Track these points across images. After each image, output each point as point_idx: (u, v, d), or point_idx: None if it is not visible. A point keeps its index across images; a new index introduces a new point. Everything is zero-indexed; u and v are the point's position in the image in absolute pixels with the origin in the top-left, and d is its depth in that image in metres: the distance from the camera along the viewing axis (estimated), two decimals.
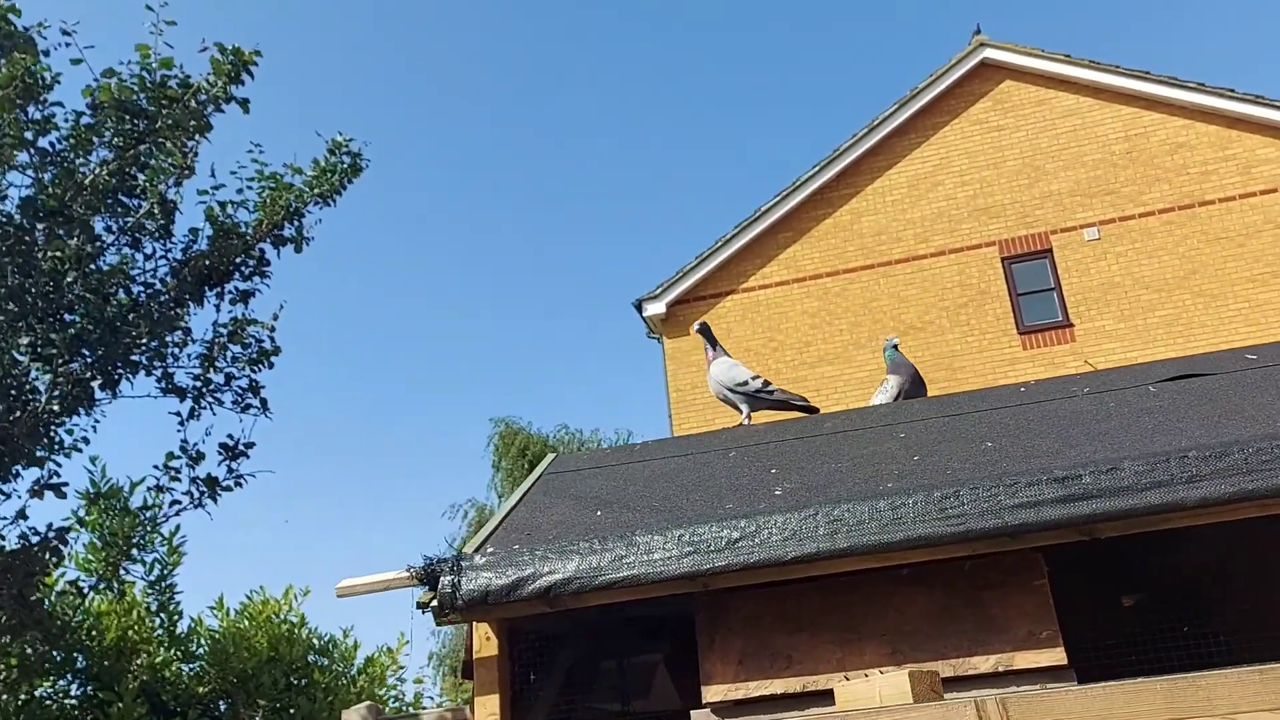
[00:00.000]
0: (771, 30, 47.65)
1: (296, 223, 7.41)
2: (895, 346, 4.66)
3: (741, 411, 4.52)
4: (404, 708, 10.53)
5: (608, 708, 3.78)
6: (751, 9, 46.81)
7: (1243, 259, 12.37)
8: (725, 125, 49.35)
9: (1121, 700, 2.23)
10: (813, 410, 4.53)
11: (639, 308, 14.41)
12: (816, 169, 13.83)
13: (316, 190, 7.43)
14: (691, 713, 3.02)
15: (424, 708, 10.85)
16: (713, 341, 4.72)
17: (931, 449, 3.28)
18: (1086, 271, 12.80)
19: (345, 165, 7.59)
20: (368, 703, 7.24)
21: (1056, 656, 2.77)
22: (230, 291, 6.83)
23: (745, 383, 4.51)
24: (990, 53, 13.67)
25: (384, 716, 6.96)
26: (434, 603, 3.01)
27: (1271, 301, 12.16)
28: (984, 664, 2.81)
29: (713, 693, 2.99)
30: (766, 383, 4.50)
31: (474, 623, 3.22)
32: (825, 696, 2.86)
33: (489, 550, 3.15)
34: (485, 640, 3.24)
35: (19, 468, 5.72)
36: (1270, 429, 2.69)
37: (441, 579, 3.00)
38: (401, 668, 10.41)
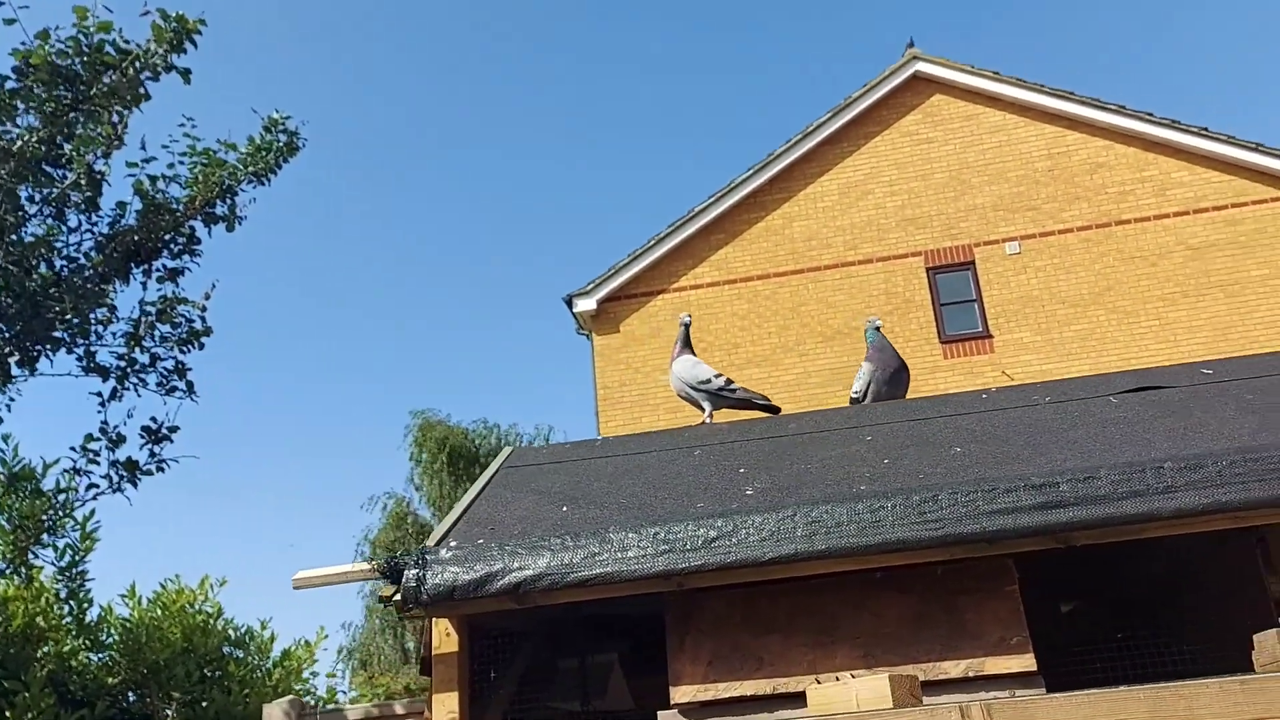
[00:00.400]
0: (711, 33, 47.92)
1: (229, 201, 7.17)
2: (877, 328, 4.56)
3: (704, 409, 4.49)
4: (318, 703, 10.27)
5: (564, 707, 3.71)
6: (693, 12, 47.01)
7: (1155, 278, 12.78)
8: (662, 126, 49.50)
9: (1105, 708, 2.24)
10: (774, 410, 4.52)
11: (569, 303, 14.32)
12: (751, 172, 13.91)
13: (251, 168, 7.19)
14: (659, 713, 2.97)
15: (338, 703, 10.60)
16: (685, 339, 4.69)
17: (900, 453, 3.29)
18: (1007, 284, 13.10)
19: (281, 144, 7.37)
20: (290, 697, 7.04)
21: (1026, 663, 2.80)
22: (158, 269, 6.57)
23: (708, 380, 4.49)
24: (922, 66, 13.91)
25: (308, 710, 6.78)
26: (397, 597, 2.92)
27: (1180, 320, 12.59)
28: (955, 669, 2.82)
29: (681, 693, 2.95)
30: (729, 381, 4.49)
31: (434, 618, 3.13)
32: (797, 699, 2.84)
33: (452, 544, 3.06)
34: (445, 636, 3.15)
35: None
36: (1237, 443, 2.76)
37: (406, 573, 2.91)
38: (316, 660, 10.16)
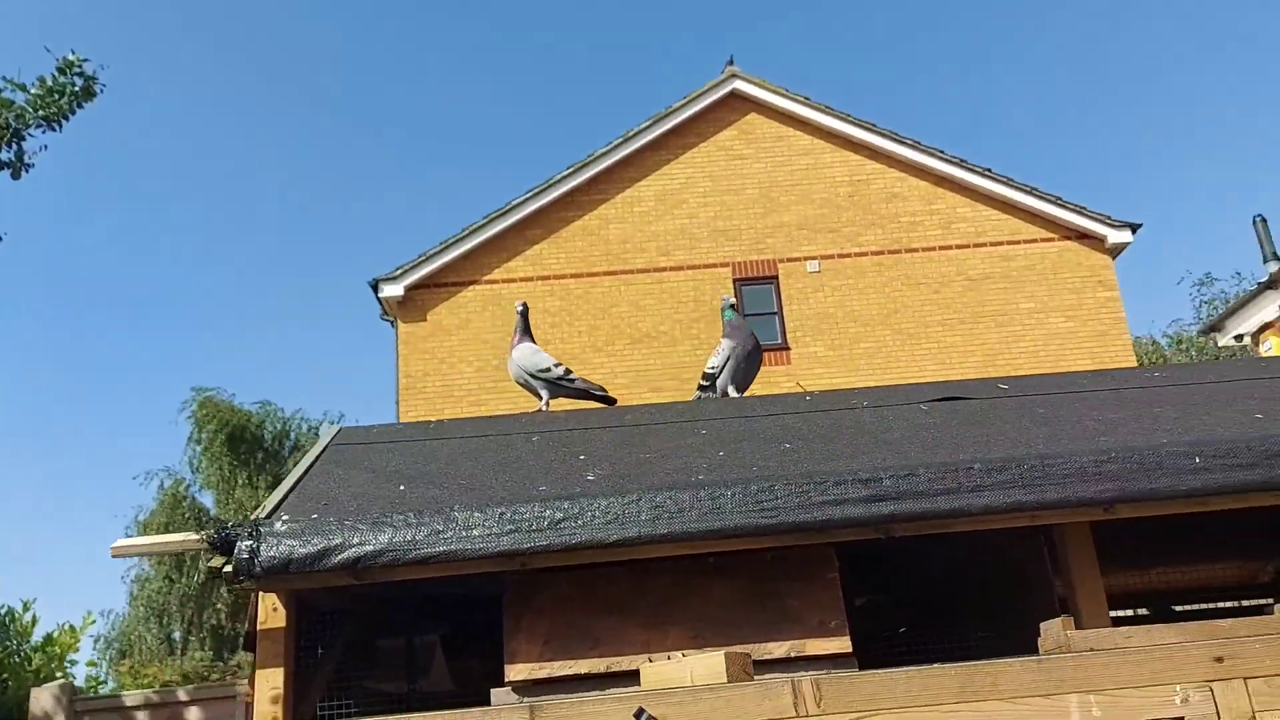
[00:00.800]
0: (543, 31, 47.83)
1: (16, 146, 6.66)
2: (732, 307, 4.65)
3: (541, 397, 4.54)
4: (79, 691, 9.62)
5: (384, 688, 3.67)
6: (527, 9, 46.75)
7: (937, 304, 13.72)
8: (481, 120, 48.99)
9: (920, 683, 2.45)
10: (611, 401, 4.61)
11: (375, 288, 14.00)
12: (571, 171, 14.01)
13: (41, 111, 6.71)
14: (492, 691, 3.01)
15: (99, 693, 9.95)
16: (525, 327, 4.71)
17: (734, 446, 3.46)
18: (806, 300, 13.74)
19: (77, 88, 6.90)
20: (61, 682, 6.60)
21: (843, 645, 3.00)
22: None
23: (548, 369, 4.54)
24: (740, 84, 14.41)
25: (80, 696, 6.37)
26: (227, 569, 2.83)
27: (956, 345, 13.56)
28: (779, 649, 2.99)
29: (516, 671, 3.00)
30: (568, 371, 4.55)
31: (261, 593, 3.05)
32: (630, 677, 2.93)
33: (284, 517, 2.99)
34: (272, 611, 3.07)
35: None
36: (1036, 450, 3.05)
37: (238, 544, 2.82)
38: (78, 648, 9.53)
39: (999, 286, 13.63)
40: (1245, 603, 5.15)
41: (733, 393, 4.41)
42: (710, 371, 4.44)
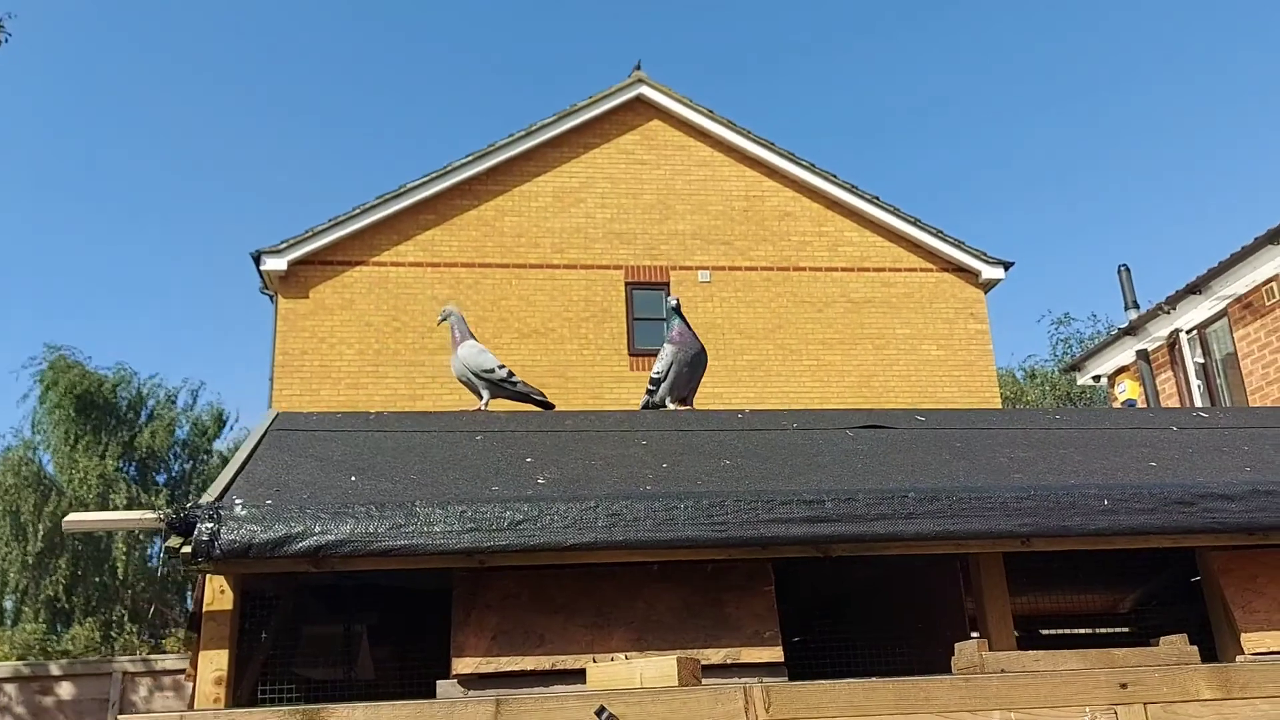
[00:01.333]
0: (454, 19, 47.01)
1: None
2: (677, 308, 4.62)
3: (481, 397, 4.59)
4: None
5: (322, 674, 3.68)
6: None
7: (819, 323, 14.21)
8: (380, 105, 47.87)
9: (862, 694, 2.65)
10: (549, 406, 4.70)
11: (257, 260, 13.65)
12: (470, 159, 13.95)
13: None
14: (437, 683, 3.07)
15: None
16: (464, 327, 4.74)
17: (676, 459, 3.60)
18: (695, 309, 14.01)
19: None
20: None
21: (775, 654, 3.18)
22: None
23: (492, 370, 4.58)
24: (646, 90, 14.61)
25: None
26: (185, 549, 2.82)
27: (835, 365, 14.08)
28: (716, 656, 3.15)
29: (464, 665, 3.07)
30: (511, 373, 4.61)
31: (209, 575, 3.04)
32: (575, 676, 3.05)
33: (237, 501, 3.00)
34: (220, 593, 3.06)
35: None
36: (961, 483, 3.30)
37: (199, 526, 2.82)
38: None
39: (879, 311, 14.20)
40: (1102, 630, 5.57)
41: (670, 405, 4.55)
42: (656, 377, 4.55)
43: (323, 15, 49.33)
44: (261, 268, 13.66)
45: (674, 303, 4.77)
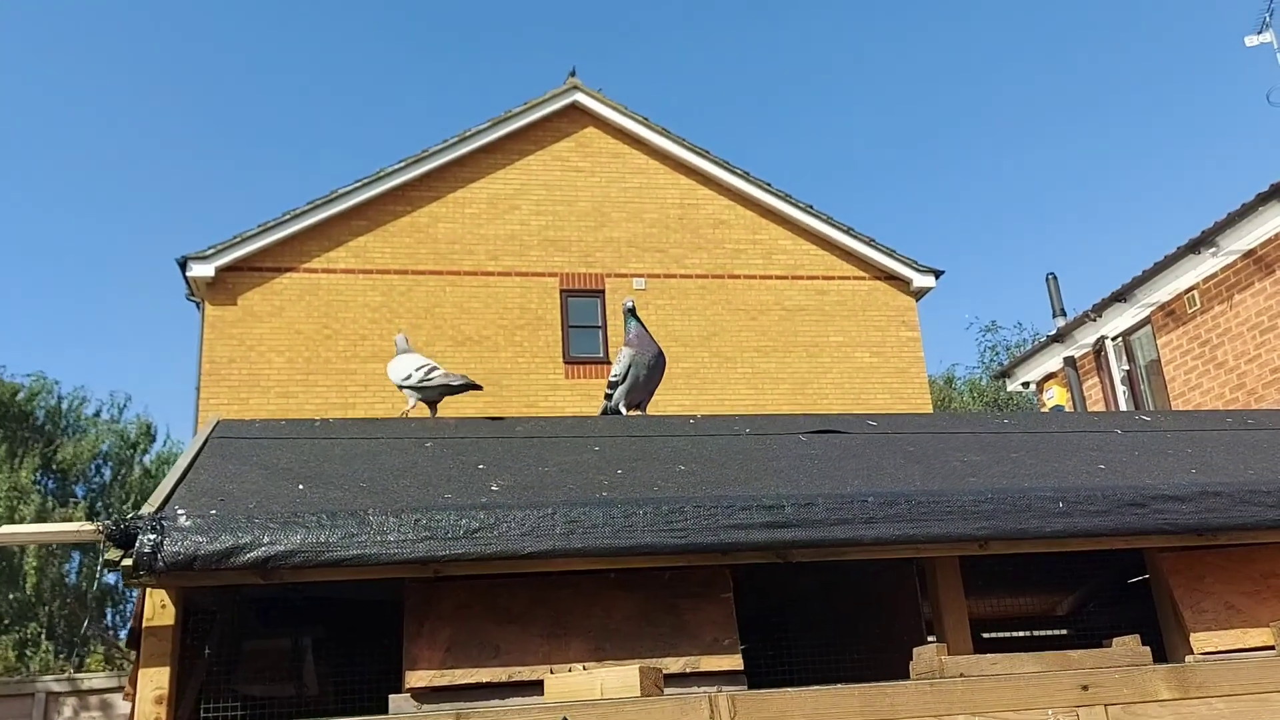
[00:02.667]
0: (387, 24, 46.45)
1: None
2: (633, 310, 4.56)
3: (409, 403, 4.52)
4: None
5: (269, 690, 3.54)
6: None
7: (753, 330, 14.27)
8: (310, 110, 47.09)
9: (829, 701, 2.63)
10: (476, 387, 4.63)
11: (184, 266, 13.28)
12: (402, 165, 13.76)
13: None
14: (390, 698, 2.97)
15: None
16: (405, 348, 4.66)
17: (630, 465, 3.55)
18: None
19: None
20: None
21: (735, 662, 3.15)
22: None
23: (408, 376, 4.50)
24: (581, 97, 14.55)
25: None
26: (126, 562, 2.69)
27: (769, 371, 14.15)
28: (675, 665, 3.10)
29: (417, 678, 2.98)
30: (429, 371, 4.52)
31: (149, 589, 2.91)
32: (533, 687, 2.98)
33: (179, 511, 2.87)
34: (160, 608, 2.93)
35: None
36: (918, 487, 3.31)
37: (140, 538, 2.69)
38: None
39: (812, 319, 14.31)
40: (1040, 633, 5.64)
41: (624, 410, 4.50)
42: (614, 380, 4.49)
43: (254, 17, 48.47)
44: (188, 274, 13.31)
45: (629, 304, 4.72)
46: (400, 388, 4.48)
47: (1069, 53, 53.92)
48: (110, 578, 23.16)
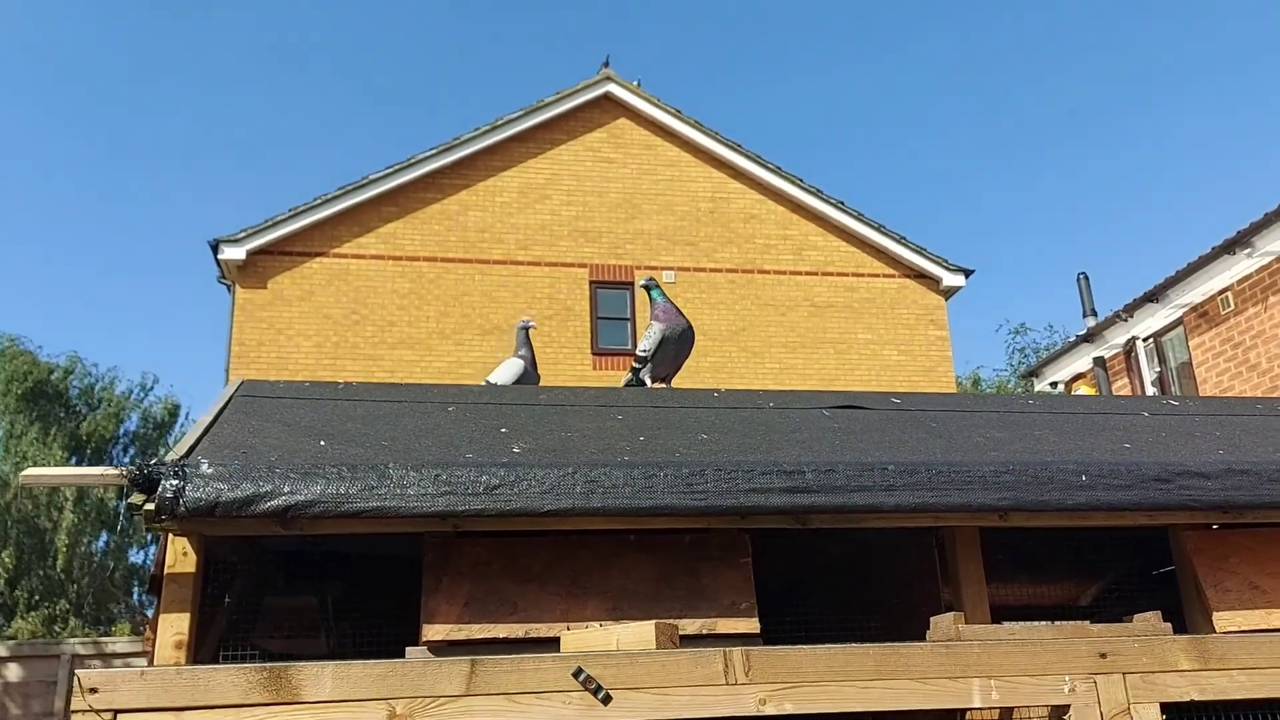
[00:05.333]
0: (421, 9, 46.76)
1: None
2: (650, 286, 4.66)
3: None
4: None
5: (286, 642, 3.58)
6: None
7: (782, 325, 14.24)
8: (344, 95, 47.48)
9: (842, 659, 2.62)
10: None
11: (215, 249, 13.41)
12: (434, 152, 13.83)
13: None
14: (407, 649, 3.00)
15: None
16: (520, 339, 4.77)
17: (654, 433, 3.56)
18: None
19: None
20: None
21: (752, 625, 3.14)
22: None
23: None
24: (613, 88, 14.57)
25: None
26: (149, 506, 2.73)
27: (796, 367, 14.11)
28: (691, 626, 3.10)
29: (434, 631, 3.00)
30: (521, 373, 4.64)
31: (172, 536, 2.94)
32: (549, 644, 2.98)
33: (203, 460, 2.91)
34: (182, 555, 2.96)
35: None
36: (940, 458, 3.29)
37: (163, 483, 2.72)
38: None
39: (841, 315, 14.27)
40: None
41: (650, 383, 4.51)
42: (642, 354, 4.50)
43: (290, 2, 48.89)
44: (219, 256, 13.44)
45: (646, 282, 4.73)
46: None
47: (1105, 51, 53.42)
48: (137, 557, 23.47)
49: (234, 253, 13.40)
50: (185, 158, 45.60)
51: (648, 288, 4.61)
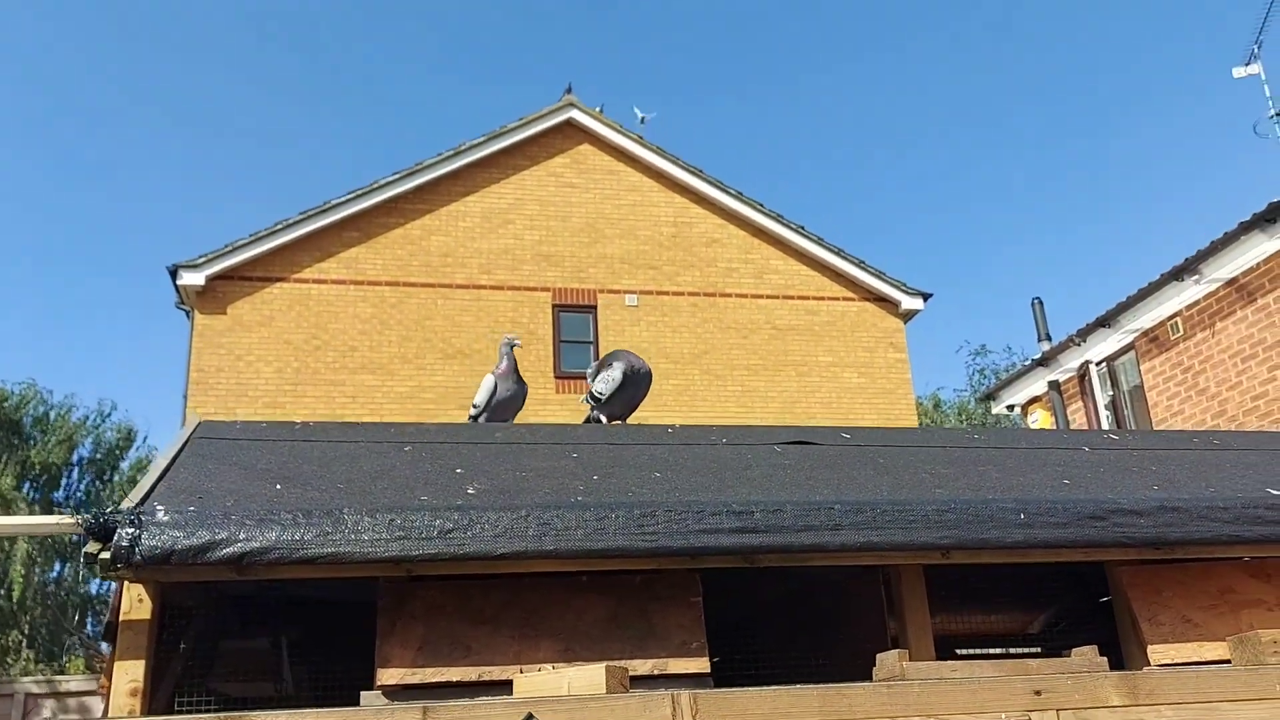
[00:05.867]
0: (382, 35, 46.69)
1: None
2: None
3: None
4: None
5: (240, 687, 3.59)
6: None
7: (744, 349, 14.36)
8: (305, 121, 47.28)
9: (788, 701, 2.69)
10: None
11: (174, 274, 13.34)
12: (397, 177, 13.86)
13: None
14: (361, 694, 3.03)
15: None
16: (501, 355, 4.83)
17: (607, 471, 3.62)
18: (622, 332, 14.07)
19: None
20: None
21: (703, 665, 3.21)
22: None
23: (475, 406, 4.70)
24: (576, 114, 14.68)
25: None
26: (104, 555, 2.75)
27: (759, 389, 14.23)
28: (644, 667, 3.16)
29: (389, 676, 3.03)
30: (482, 404, 4.69)
31: (127, 583, 2.97)
32: (502, 686, 3.03)
33: (158, 507, 2.94)
34: (138, 601, 2.98)
35: None
36: (885, 496, 3.38)
37: (119, 531, 2.75)
38: None
39: (802, 338, 14.41)
40: (1015, 650, 5.69)
41: (605, 420, 4.58)
42: (599, 395, 4.56)
43: (253, 28, 48.71)
44: (178, 282, 13.37)
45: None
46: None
47: (1056, 81, 54.40)
48: (93, 587, 23.14)
49: (193, 278, 13.34)
50: (142, 180, 45.20)
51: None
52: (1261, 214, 8.80)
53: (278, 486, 3.28)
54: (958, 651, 5.69)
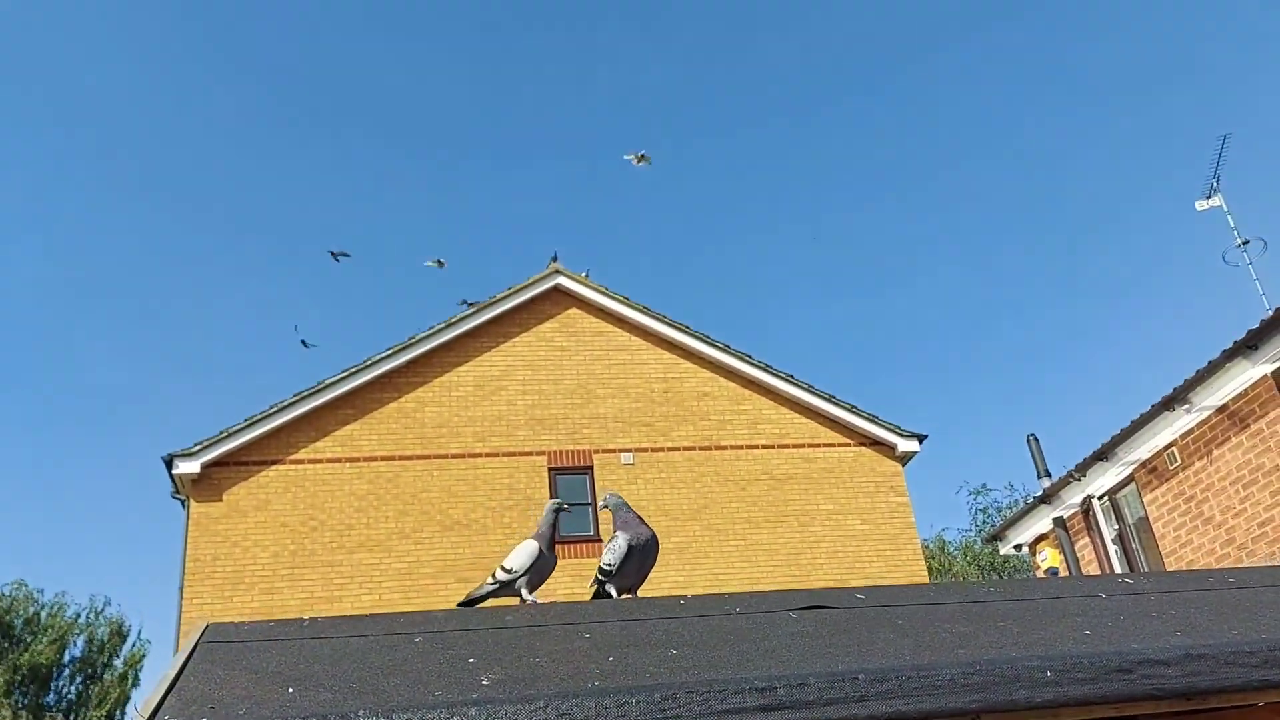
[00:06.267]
0: (371, 214, 48.17)
1: None
2: (618, 498, 4.73)
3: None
4: None
5: None
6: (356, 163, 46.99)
7: (743, 501, 14.28)
8: (298, 303, 48.26)
9: None
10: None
11: (169, 464, 13.30)
12: (389, 352, 14.03)
13: None
14: None
15: None
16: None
17: (622, 652, 3.56)
18: (619, 492, 13.97)
19: None
20: None
21: None
22: None
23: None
24: (563, 280, 15.01)
25: None
26: None
27: (761, 542, 14.09)
28: None
29: None
30: (504, 574, 4.67)
31: None
32: None
33: None
34: None
35: None
36: (907, 661, 3.32)
37: None
38: None
39: (801, 487, 14.36)
40: None
41: (614, 594, 4.52)
42: (607, 568, 4.53)
43: (255, 208, 50.09)
44: (174, 471, 13.32)
45: (608, 501, 4.85)
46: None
47: (1041, 229, 56.03)
48: None
49: (188, 467, 13.31)
50: (132, 371, 45.61)
51: (608, 506, 4.70)
52: (1243, 341, 8.94)
53: (290, 690, 3.21)
54: None
